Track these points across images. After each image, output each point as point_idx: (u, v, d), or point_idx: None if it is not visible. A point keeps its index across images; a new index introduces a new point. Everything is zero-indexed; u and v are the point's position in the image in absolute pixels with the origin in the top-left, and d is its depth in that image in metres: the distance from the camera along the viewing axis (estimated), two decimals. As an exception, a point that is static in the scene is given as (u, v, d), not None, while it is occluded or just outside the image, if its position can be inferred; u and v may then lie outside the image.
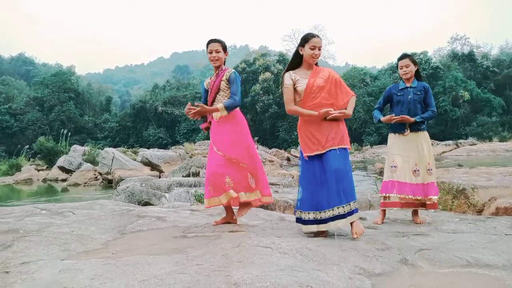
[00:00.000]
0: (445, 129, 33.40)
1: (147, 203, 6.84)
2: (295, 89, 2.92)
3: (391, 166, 3.52)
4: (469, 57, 38.27)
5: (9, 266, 2.11)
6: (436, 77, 34.33)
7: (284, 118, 33.61)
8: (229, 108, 3.15)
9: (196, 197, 6.01)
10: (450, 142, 25.45)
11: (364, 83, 35.88)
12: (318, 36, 2.93)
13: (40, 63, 68.80)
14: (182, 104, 39.56)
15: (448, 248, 2.43)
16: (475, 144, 24.58)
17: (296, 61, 2.99)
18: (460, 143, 25.19)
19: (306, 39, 2.91)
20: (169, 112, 38.13)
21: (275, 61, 36.60)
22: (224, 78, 3.21)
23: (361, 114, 33.65)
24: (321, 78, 2.90)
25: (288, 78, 2.95)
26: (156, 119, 39.25)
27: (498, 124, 32.99)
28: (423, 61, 34.81)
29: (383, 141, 30.96)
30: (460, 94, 32.97)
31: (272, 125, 34.36)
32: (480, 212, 4.88)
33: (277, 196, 5.57)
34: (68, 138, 24.21)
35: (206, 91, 3.36)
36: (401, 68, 3.59)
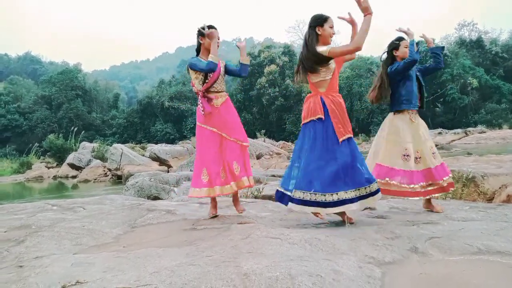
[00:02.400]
0: (453, 117, 33.00)
1: (156, 198, 6.89)
2: (328, 64, 2.82)
3: (404, 155, 3.31)
4: (477, 44, 37.57)
5: (22, 261, 2.15)
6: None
7: (290, 111, 33.49)
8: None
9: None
10: (459, 130, 25.09)
11: (371, 72, 35.46)
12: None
13: (47, 62, 69.20)
14: (188, 98, 39.54)
15: (459, 236, 2.42)
16: (484, 132, 24.23)
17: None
18: (469, 131, 24.84)
19: (324, 19, 2.87)
20: (175, 107, 38.20)
21: (280, 53, 36.32)
22: (222, 65, 3.38)
23: (368, 104, 33.35)
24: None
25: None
26: (163, 115, 39.36)
27: (508, 111, 32.43)
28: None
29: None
30: (468, 81, 32.47)
31: (278, 118, 34.25)
32: (490, 200, 4.84)
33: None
34: (80, 136, 24.43)
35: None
36: (406, 47, 3.38)
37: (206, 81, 3.23)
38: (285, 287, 1.61)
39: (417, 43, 3.38)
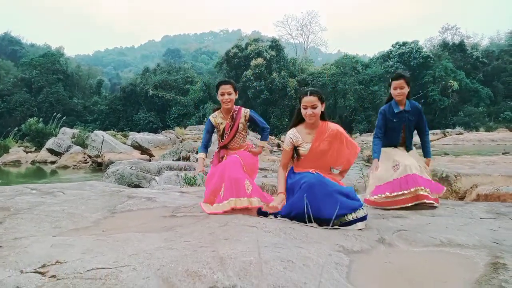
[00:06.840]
0: (433, 118, 33.80)
1: (137, 186, 6.90)
2: (297, 150, 2.92)
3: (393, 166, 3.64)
4: (460, 47, 38.50)
5: (1, 241, 2.17)
6: (426, 66, 34.55)
7: (275, 105, 33.62)
8: (267, 138, 3.60)
9: (186, 180, 6.08)
10: (438, 131, 25.78)
11: (356, 71, 35.92)
12: (312, 94, 2.79)
13: (28, 44, 67.02)
14: (173, 88, 39.10)
15: (425, 230, 2.57)
16: (462, 134, 25.00)
17: (299, 117, 2.93)
18: (448, 132, 25.57)
19: (299, 98, 2.88)
20: (159, 96, 37.79)
21: (268, 46, 36.30)
22: (242, 120, 3.31)
23: (352, 102, 33.81)
24: (326, 141, 2.87)
25: (288, 141, 2.94)
26: (147, 103, 38.88)
27: (485, 114, 33.53)
28: (414, 50, 34.98)
29: (373, 128, 31.14)
30: (449, 84, 33.33)
31: (263, 111, 34.30)
32: (462, 198, 5.04)
33: (266, 180, 5.68)
34: (61, 121, 23.89)
35: (213, 127, 3.37)
36: (395, 89, 3.55)
37: (224, 137, 3.34)
38: (258, 270, 1.71)
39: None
